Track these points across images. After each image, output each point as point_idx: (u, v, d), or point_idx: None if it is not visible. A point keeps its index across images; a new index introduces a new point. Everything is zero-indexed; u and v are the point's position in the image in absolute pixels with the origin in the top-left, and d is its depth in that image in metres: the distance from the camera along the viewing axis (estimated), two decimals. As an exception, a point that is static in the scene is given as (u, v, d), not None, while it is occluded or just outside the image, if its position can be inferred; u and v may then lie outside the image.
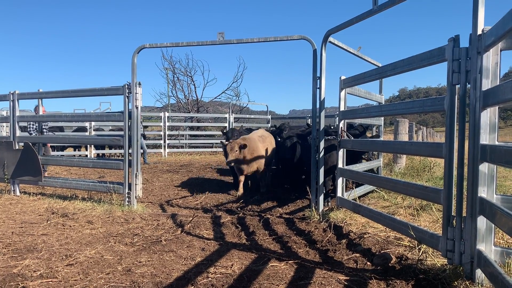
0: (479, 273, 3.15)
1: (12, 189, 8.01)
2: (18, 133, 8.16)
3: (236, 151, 7.53)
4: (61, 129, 16.05)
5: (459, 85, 3.43)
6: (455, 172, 3.52)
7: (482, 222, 3.16)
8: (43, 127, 10.26)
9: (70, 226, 5.50)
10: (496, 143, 3.07)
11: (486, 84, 3.10)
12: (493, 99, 2.89)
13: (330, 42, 5.91)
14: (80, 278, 3.65)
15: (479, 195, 3.13)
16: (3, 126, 16.90)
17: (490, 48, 3.06)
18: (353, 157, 7.49)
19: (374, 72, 5.18)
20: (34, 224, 5.63)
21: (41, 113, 8.42)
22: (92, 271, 3.81)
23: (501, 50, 3.12)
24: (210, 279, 3.58)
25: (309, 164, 6.49)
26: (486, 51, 3.09)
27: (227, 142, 7.70)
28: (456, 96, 3.47)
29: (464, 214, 3.38)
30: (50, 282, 3.54)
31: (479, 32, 3.14)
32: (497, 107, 3.09)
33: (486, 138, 3.10)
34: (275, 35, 6.49)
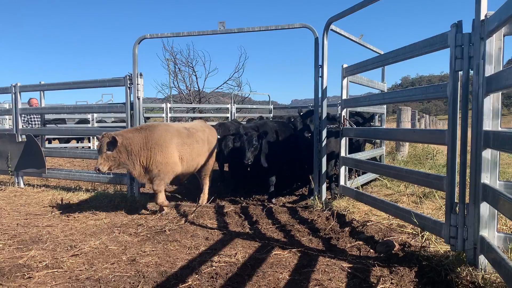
0: (482, 259, 3.16)
1: (16, 181, 8.05)
2: (21, 125, 8.18)
3: (107, 151, 5.27)
4: (63, 121, 16.09)
5: (461, 72, 3.41)
6: (458, 159, 3.51)
7: (485, 208, 3.16)
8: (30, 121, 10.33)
9: (75, 217, 5.53)
10: (499, 129, 3.06)
11: (489, 70, 3.07)
12: (496, 85, 2.87)
13: (332, 30, 5.87)
14: (85, 268, 3.69)
15: (482, 182, 3.13)
16: (6, 119, 16.93)
17: (493, 33, 3.03)
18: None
19: (376, 59, 5.15)
20: (39, 216, 5.67)
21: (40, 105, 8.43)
22: (97, 261, 3.84)
23: (504, 36, 3.10)
24: (214, 267, 3.61)
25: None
26: (489, 37, 3.07)
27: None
28: (459, 83, 3.45)
29: (467, 201, 3.38)
30: (56, 272, 3.58)
31: (482, 17, 3.11)
32: (500, 93, 3.07)
33: (489, 124, 3.09)
34: (277, 24, 6.44)
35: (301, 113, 7.57)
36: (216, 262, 3.74)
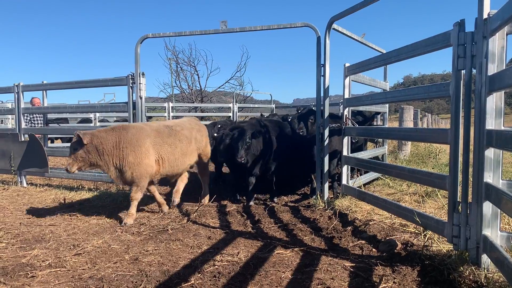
0: (485, 258, 3.15)
1: (19, 180, 8.08)
2: (24, 125, 8.20)
3: (74, 151, 5.07)
4: (66, 120, 16.12)
5: (464, 70, 3.40)
6: (460, 158, 3.50)
7: (487, 207, 3.15)
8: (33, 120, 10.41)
9: (77, 217, 5.54)
10: (502, 128, 3.05)
11: (492, 69, 3.06)
12: (499, 83, 2.86)
13: (334, 29, 5.87)
14: (88, 267, 3.70)
15: (484, 181, 3.12)
16: (9, 119, 16.97)
17: (496, 32, 3.02)
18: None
19: (379, 58, 5.15)
20: (42, 215, 5.68)
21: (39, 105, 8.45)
22: (99, 260, 3.85)
23: (507, 34, 3.08)
24: (216, 267, 3.61)
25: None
26: (492, 35, 3.06)
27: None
28: (462, 82, 3.45)
29: (469, 200, 3.38)
30: (59, 271, 3.59)
31: (485, 16, 3.10)
32: (503, 92, 3.07)
33: (492, 123, 3.08)
34: (278, 22, 6.43)
35: (299, 111, 7.42)
36: (218, 261, 3.75)
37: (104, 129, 5.33)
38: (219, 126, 7.62)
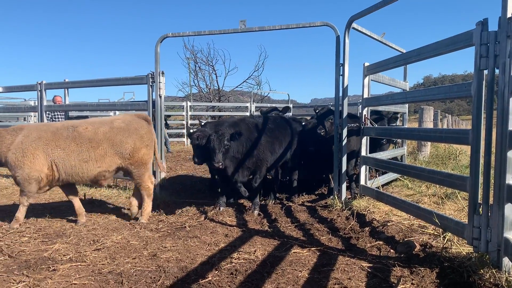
0: (506, 261, 3.10)
1: (41, 176, 8.24)
2: (46, 122, 8.37)
3: None
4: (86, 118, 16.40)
5: (487, 70, 3.35)
6: (481, 160, 3.45)
7: (510, 209, 3.10)
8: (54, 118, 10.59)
9: (97, 213, 5.64)
10: (526, 129, 3.00)
11: (516, 69, 3.01)
12: (523, 84, 2.81)
13: (353, 28, 5.82)
14: (108, 262, 3.76)
15: (507, 182, 3.07)
16: (31, 116, 17.33)
17: (520, 31, 2.97)
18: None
19: (399, 58, 5.10)
20: (62, 211, 5.80)
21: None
22: (119, 256, 3.92)
23: (532, 34, 3.03)
24: (233, 264, 3.64)
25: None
26: (516, 35, 3.00)
27: None
28: (484, 82, 3.39)
29: (491, 202, 3.32)
30: (79, 266, 3.66)
31: (509, 15, 3.05)
32: (527, 92, 3.01)
33: (515, 125, 3.03)
34: (297, 21, 6.42)
35: (317, 111, 7.26)
36: (235, 259, 3.77)
37: (11, 127, 5.09)
38: (202, 124, 7.26)
